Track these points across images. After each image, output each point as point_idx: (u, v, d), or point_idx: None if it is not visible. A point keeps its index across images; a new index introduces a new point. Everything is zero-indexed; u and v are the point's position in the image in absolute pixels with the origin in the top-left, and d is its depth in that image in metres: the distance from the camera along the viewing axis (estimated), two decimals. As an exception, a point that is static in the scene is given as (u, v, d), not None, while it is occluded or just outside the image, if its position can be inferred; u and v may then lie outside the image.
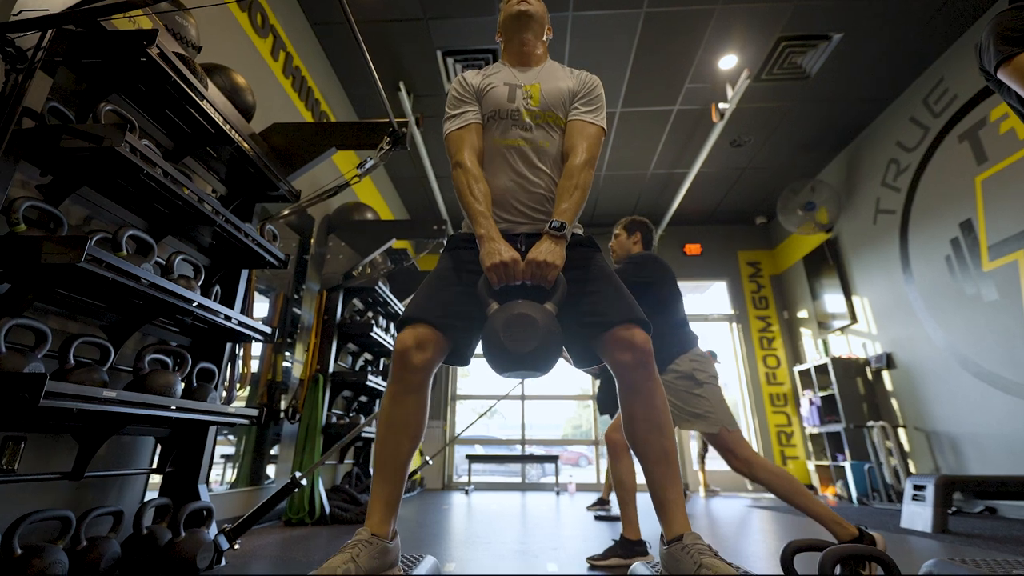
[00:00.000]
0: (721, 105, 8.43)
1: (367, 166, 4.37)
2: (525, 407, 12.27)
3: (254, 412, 3.82)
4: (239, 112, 4.11)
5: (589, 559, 3.90)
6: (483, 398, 12.69)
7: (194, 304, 3.31)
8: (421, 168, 10.32)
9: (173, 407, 3.15)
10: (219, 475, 5.28)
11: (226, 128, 3.74)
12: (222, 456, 5.34)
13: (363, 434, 6.91)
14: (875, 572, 2.45)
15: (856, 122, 9.50)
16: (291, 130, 4.52)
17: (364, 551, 2.17)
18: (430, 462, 8.20)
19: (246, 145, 3.92)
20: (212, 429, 3.85)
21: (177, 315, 3.42)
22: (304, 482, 3.66)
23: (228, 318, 3.63)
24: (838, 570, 2.23)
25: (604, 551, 3.93)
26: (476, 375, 13.53)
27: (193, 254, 3.92)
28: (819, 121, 9.39)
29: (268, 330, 3.96)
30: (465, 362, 2.57)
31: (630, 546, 3.90)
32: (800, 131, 9.63)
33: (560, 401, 12.73)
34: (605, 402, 7.31)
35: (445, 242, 2.86)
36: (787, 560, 2.27)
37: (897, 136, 8.95)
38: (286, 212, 4.44)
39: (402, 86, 8.07)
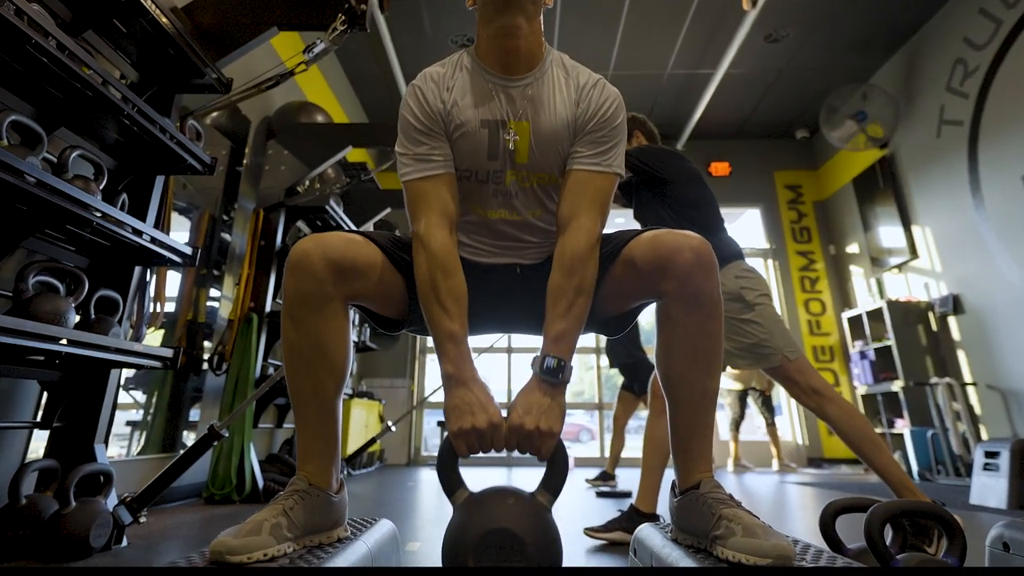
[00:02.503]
0: (755, -11, 8.32)
1: (316, 50, 4.30)
2: (512, 363, 12.31)
3: (168, 352, 3.77)
4: (153, -22, 4.03)
5: (587, 530, 3.87)
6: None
7: (95, 212, 3.24)
8: (386, 64, 10.16)
9: (64, 340, 3.05)
10: (123, 447, 5.22)
11: (140, -1, 3.66)
12: (128, 423, 5.28)
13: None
14: (933, 534, 2.42)
15: (917, 14, 9.45)
16: (221, 4, 4.43)
17: (300, 504, 2.02)
18: (393, 428, 7.96)
19: (164, 19, 3.84)
20: (115, 373, 3.80)
21: (71, 226, 3.31)
22: (225, 433, 3.60)
23: (138, 232, 3.57)
24: (889, 533, 2.21)
25: (607, 522, 3.89)
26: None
27: (95, 152, 3.83)
28: (873, 11, 9.33)
29: (188, 250, 3.90)
30: (395, 327, 2.44)
31: (640, 519, 3.81)
32: (850, 23, 9.56)
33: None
34: (616, 351, 7.30)
35: None
36: (827, 523, 2.24)
37: (964, 31, 8.88)
38: (214, 105, 4.37)
39: (360, -42, 7.84)
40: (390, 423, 7.46)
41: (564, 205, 2.29)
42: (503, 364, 12.36)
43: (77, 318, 3.37)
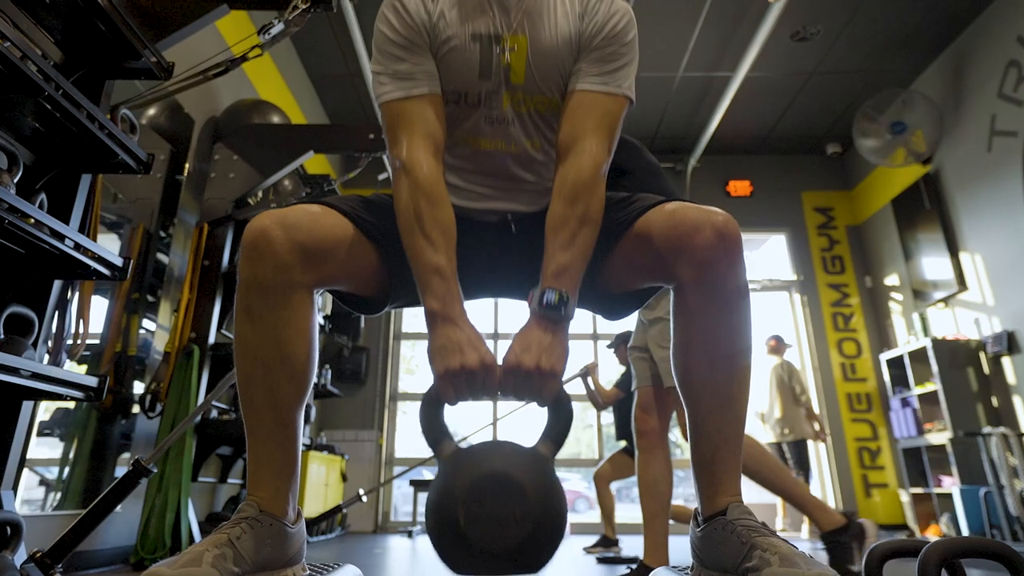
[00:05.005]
0: (781, -22, 8.35)
1: (273, 31, 4.26)
2: (499, 414, 12.21)
3: (92, 381, 3.70)
4: (82, -58, 3.99)
5: None
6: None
7: (3, 206, 3.18)
8: (354, 62, 10.22)
9: (-36, 361, 3.00)
10: (38, 499, 5.14)
11: (64, -40, 3.63)
12: (41, 482, 5.20)
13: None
14: None
15: (964, 9, 9.50)
16: (160, -23, 4.40)
17: (249, 534, 1.91)
18: (364, 499, 7.72)
19: (95, -12, 3.81)
20: (27, 406, 3.72)
21: (-24, 228, 3.28)
22: (154, 468, 3.53)
23: (59, 236, 3.51)
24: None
25: (611, 580, 3.89)
26: (426, 366, 13.51)
27: (7, 140, 3.78)
28: (914, 6, 9.38)
29: (119, 261, 3.84)
30: (375, 310, 2.36)
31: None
32: (888, 20, 9.63)
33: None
34: (626, 423, 7.32)
35: None
36: (873, 569, 2.19)
37: (1019, 28, 8.92)
38: (151, 95, 4.32)
39: (326, -66, 7.85)
40: (361, 492, 7.32)
41: (565, 128, 2.25)
42: (486, 416, 12.27)
43: (-18, 337, 3.31)
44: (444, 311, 2.00)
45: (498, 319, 12.81)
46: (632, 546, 7.91)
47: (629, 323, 8.45)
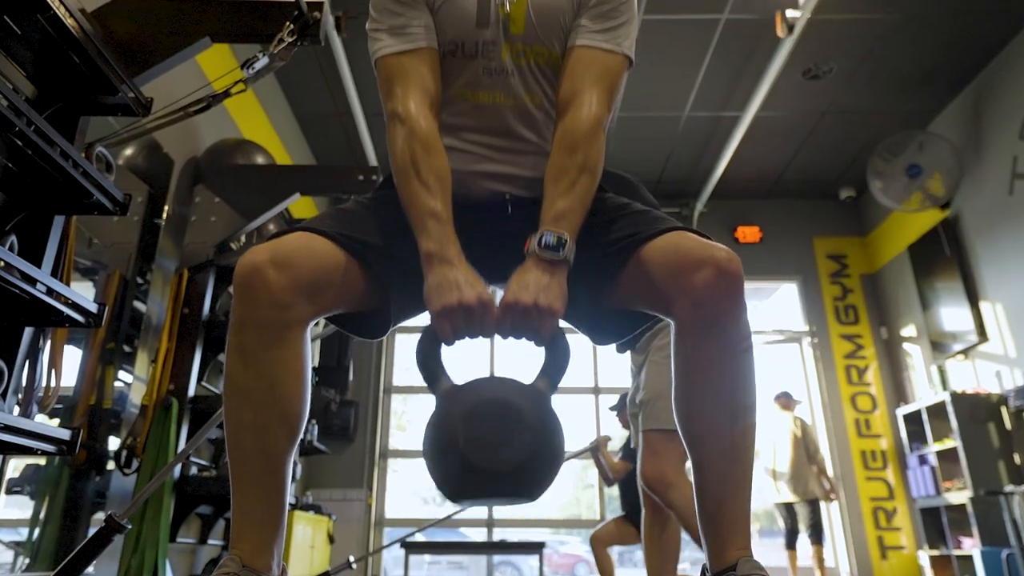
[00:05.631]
0: (790, 13, 8.39)
1: (257, 65, 4.26)
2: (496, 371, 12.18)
3: (65, 434, 3.67)
4: (57, -28, 4.00)
5: None
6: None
7: (-29, 248, 3.17)
8: (343, 100, 10.15)
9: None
10: (6, 562, 5.10)
11: (39, -12, 3.63)
12: (9, 544, 5.17)
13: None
14: None
15: (984, 47, 9.55)
16: (141, 10, 4.39)
17: None
18: (354, 566, 7.61)
19: (71, 20, 3.79)
20: (-5, 460, 3.70)
21: (-59, 270, 3.26)
22: (128, 525, 3.50)
23: (30, 280, 3.49)
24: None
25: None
26: (418, 422, 13.46)
27: (-24, 182, 3.78)
28: (931, 43, 9.42)
29: (94, 307, 3.82)
30: (379, 332, 2.35)
31: None
32: (904, 57, 9.67)
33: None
34: (630, 492, 7.31)
35: (382, 180, 2.54)
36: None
37: (1042, 67, 8.94)
38: (128, 132, 4.32)
39: (314, -34, 7.88)
40: (351, 559, 7.21)
41: (565, 84, 2.34)
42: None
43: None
44: (440, 252, 2.06)
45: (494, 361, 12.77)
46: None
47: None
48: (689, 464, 2.17)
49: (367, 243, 2.18)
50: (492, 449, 1.89)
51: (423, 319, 2.14)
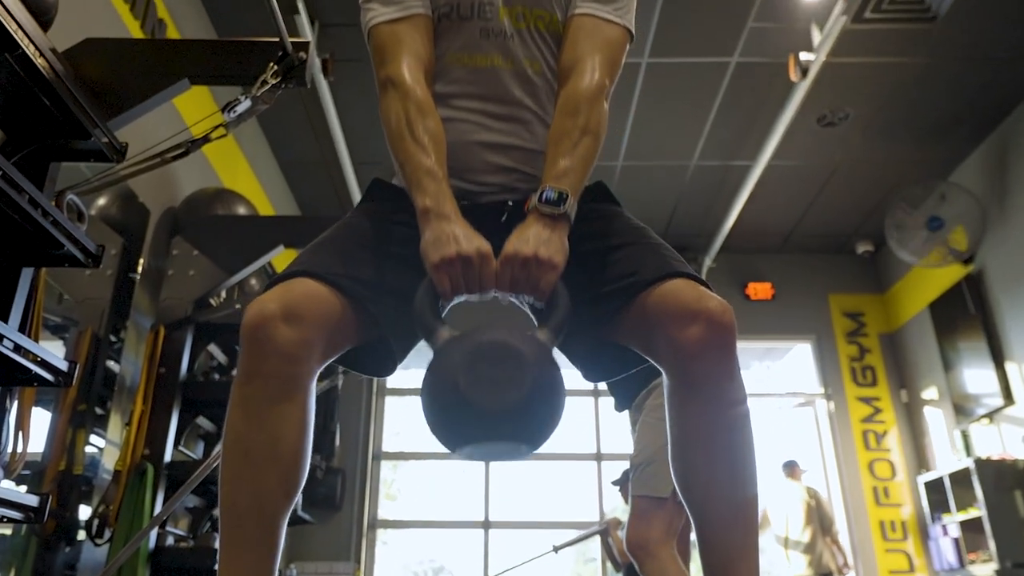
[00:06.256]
0: (804, 56, 8.41)
1: (240, 108, 4.23)
2: (490, 541, 12.15)
3: (33, 500, 3.64)
4: (28, 11, 3.99)
5: None
6: (422, 526, 12.53)
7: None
8: (329, 148, 10.11)
9: None
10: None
11: (10, 28, 3.62)
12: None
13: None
14: None
15: (1008, 92, 9.55)
16: (115, 50, 4.38)
17: None
18: None
19: (41, 59, 3.78)
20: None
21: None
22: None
23: (-7, 336, 3.47)
24: None
25: None
26: (409, 491, 13.41)
27: (-63, 232, 3.76)
28: (952, 88, 9.42)
29: (64, 365, 3.79)
30: (387, 369, 2.36)
31: None
32: (924, 104, 9.69)
33: (558, 530, 12.36)
34: None
35: (365, 191, 2.59)
36: None
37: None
38: (100, 180, 4.30)
39: (301, 6, 7.88)
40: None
41: (567, 51, 2.46)
42: (477, 541, 12.13)
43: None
44: (437, 207, 2.11)
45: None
46: None
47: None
48: (693, 536, 2.16)
49: (364, 281, 2.18)
50: (492, 387, 1.91)
51: (415, 379, 2.13)
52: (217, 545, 2.01)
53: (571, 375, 2.29)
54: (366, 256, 2.25)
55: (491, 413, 1.92)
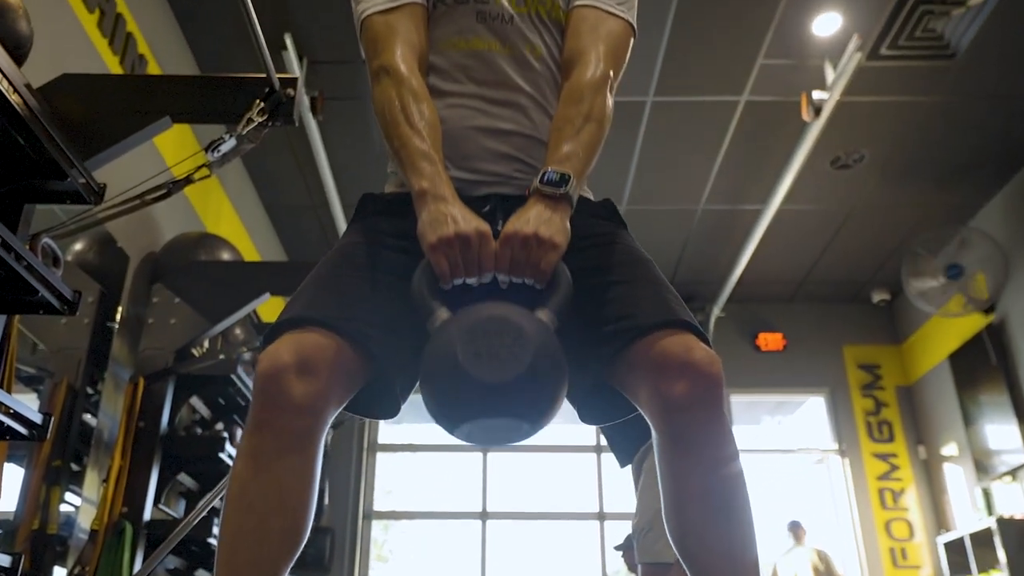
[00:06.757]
0: (816, 95, 8.44)
1: (224, 148, 4.22)
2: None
3: (5, 560, 3.61)
4: (0, 44, 3.99)
5: None
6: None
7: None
8: (318, 190, 10.14)
9: None
10: None
11: (-23, 62, 3.61)
12: None
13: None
14: None
15: (1030, 131, 9.54)
16: (93, 86, 4.39)
17: None
18: None
19: (16, 96, 3.77)
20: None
21: None
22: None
23: (-38, 388, 3.45)
24: None
25: None
26: (401, 552, 13.36)
27: (-98, 276, 3.74)
28: (972, 128, 9.44)
29: (38, 418, 3.76)
30: (391, 410, 2.33)
31: None
32: (943, 145, 9.70)
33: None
34: None
35: (355, 209, 2.60)
36: None
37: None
38: (78, 223, 4.28)
39: (289, 42, 7.94)
40: None
41: (569, 43, 2.52)
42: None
43: None
44: (434, 189, 2.14)
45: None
46: None
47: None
48: None
49: (367, 320, 2.17)
50: (491, 360, 1.94)
51: (407, 434, 2.11)
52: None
53: (571, 430, 2.26)
54: (365, 291, 2.23)
55: (491, 386, 1.94)
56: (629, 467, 4.86)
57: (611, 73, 2.44)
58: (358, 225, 2.48)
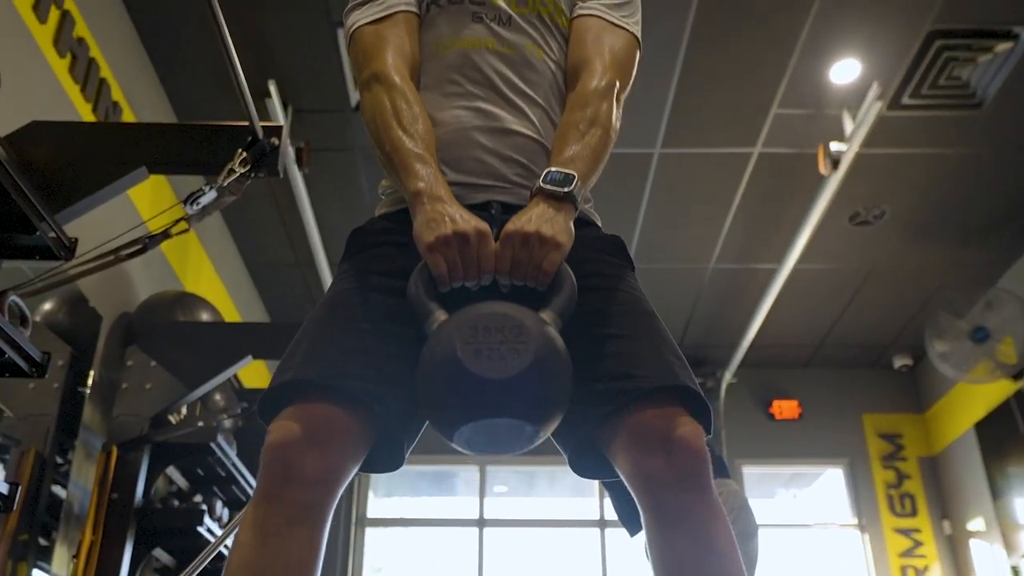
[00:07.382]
0: (834, 147, 8.46)
1: (203, 200, 4.20)
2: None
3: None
4: (-34, 90, 4.00)
5: None
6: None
7: None
8: (303, 246, 10.15)
9: None
10: None
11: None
12: None
13: None
14: None
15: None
16: (65, 134, 4.39)
17: None
18: None
19: (-19, 145, 3.77)
20: None
21: None
22: None
23: (-80, 457, 3.43)
24: None
25: None
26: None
27: None
28: (1000, 182, 9.46)
29: (4, 488, 3.74)
30: (394, 463, 2.31)
31: None
32: (969, 200, 9.71)
33: None
34: None
35: (345, 248, 2.60)
36: None
37: None
38: (49, 277, 4.26)
39: (273, 89, 7.97)
40: None
41: (573, 53, 2.60)
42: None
43: None
44: (430, 190, 2.16)
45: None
46: None
47: None
48: None
49: (369, 377, 2.14)
50: (491, 356, 1.94)
51: (396, 510, 2.08)
52: None
53: (574, 506, 2.22)
54: (364, 343, 2.21)
55: (491, 383, 1.93)
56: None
57: (617, 83, 2.49)
58: (346, 266, 2.48)
